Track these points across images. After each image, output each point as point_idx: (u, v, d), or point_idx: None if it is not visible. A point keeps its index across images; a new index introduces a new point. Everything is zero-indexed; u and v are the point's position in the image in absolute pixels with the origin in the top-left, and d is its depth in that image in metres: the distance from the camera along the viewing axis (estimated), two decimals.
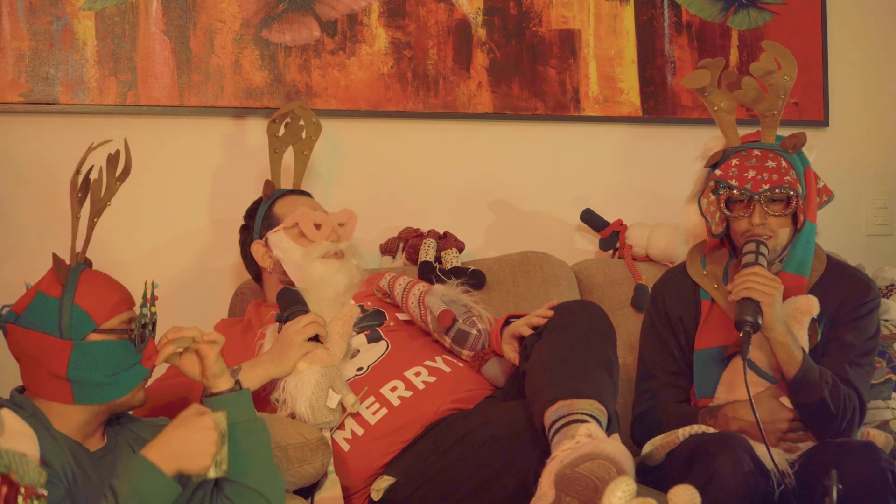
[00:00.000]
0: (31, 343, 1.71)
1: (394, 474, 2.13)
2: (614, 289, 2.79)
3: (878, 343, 2.32)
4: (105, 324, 1.72)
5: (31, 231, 2.62)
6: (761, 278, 2.07)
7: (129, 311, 1.77)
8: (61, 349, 1.69)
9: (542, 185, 3.03)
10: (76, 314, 1.71)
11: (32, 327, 1.70)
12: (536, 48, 2.98)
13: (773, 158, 2.19)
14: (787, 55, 2.19)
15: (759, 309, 2.06)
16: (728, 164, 2.22)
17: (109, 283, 1.79)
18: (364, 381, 2.24)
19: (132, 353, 1.74)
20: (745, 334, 2.04)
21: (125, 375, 1.73)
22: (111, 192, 1.84)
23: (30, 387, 1.74)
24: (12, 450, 1.25)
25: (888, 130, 3.38)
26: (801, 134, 2.23)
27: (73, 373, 1.69)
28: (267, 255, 2.42)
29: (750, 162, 2.20)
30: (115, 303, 1.75)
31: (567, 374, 1.94)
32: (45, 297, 1.72)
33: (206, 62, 2.70)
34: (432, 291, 2.38)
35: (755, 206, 2.18)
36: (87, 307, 1.72)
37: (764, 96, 2.22)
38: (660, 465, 2.11)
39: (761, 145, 2.23)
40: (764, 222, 2.18)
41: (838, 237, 3.10)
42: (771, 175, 2.17)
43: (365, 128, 2.86)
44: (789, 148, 2.21)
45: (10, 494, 1.21)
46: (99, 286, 1.76)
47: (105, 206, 1.85)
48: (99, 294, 1.74)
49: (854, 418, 2.15)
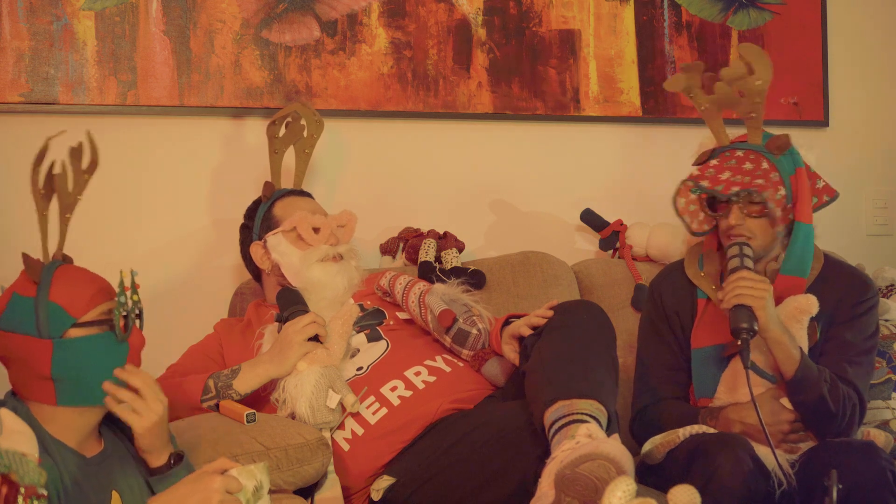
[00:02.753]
0: (12, 346, 1.65)
1: (394, 474, 2.13)
2: (614, 289, 2.79)
3: (878, 342, 2.31)
4: (83, 317, 1.66)
5: (31, 231, 2.62)
6: (749, 282, 2.08)
7: (109, 302, 1.70)
8: (43, 349, 1.64)
9: (542, 185, 3.02)
10: (52, 311, 1.64)
11: (11, 329, 1.65)
12: (536, 48, 2.98)
13: (754, 160, 2.19)
14: (762, 58, 2.17)
15: (753, 314, 2.06)
16: (707, 164, 2.23)
17: (85, 276, 1.72)
18: (364, 380, 2.24)
19: (116, 347, 1.68)
20: (743, 342, 2.04)
21: (108, 373, 1.67)
22: (80, 185, 1.77)
23: (18, 390, 1.69)
24: (12, 450, 1.25)
25: (888, 130, 3.38)
26: (784, 136, 2.23)
27: (57, 372, 1.63)
28: (265, 257, 2.42)
29: (729, 163, 2.21)
30: (92, 294, 1.68)
31: (567, 375, 1.94)
32: (20, 298, 1.66)
33: (206, 62, 2.70)
34: (433, 291, 2.38)
35: (732, 208, 2.20)
36: (63, 302, 1.65)
37: (740, 100, 2.21)
38: (660, 465, 2.11)
39: (746, 146, 2.23)
40: (741, 223, 2.19)
41: (838, 237, 3.10)
42: (744, 177, 2.17)
43: (365, 128, 2.86)
44: (774, 150, 2.21)
45: (10, 494, 1.21)
46: (74, 280, 1.69)
47: (76, 201, 1.78)
48: (74, 288, 1.67)
49: (854, 417, 2.15)
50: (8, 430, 1.50)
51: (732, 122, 2.30)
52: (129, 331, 1.69)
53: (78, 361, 1.65)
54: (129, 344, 1.71)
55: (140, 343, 1.72)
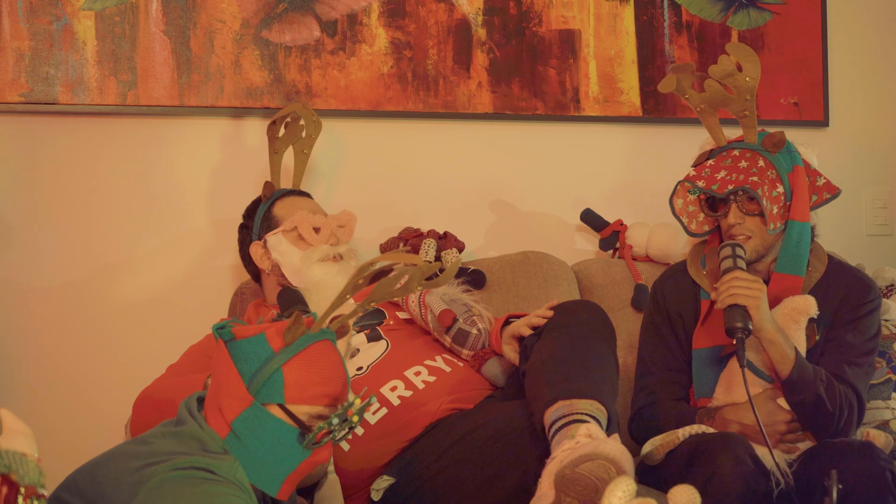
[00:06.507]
0: (224, 370, 1.59)
1: (394, 474, 2.13)
2: (614, 289, 2.79)
3: (878, 343, 2.32)
4: (293, 408, 1.57)
5: (31, 231, 2.62)
6: (742, 282, 2.08)
7: (326, 409, 1.60)
8: (242, 398, 1.57)
9: (542, 185, 3.03)
10: (274, 379, 1.56)
11: (235, 359, 1.58)
12: (536, 48, 2.98)
13: (750, 158, 2.20)
14: (751, 56, 2.17)
15: (748, 313, 2.06)
16: (704, 164, 2.24)
17: (327, 371, 1.60)
18: (364, 380, 2.24)
19: (297, 448, 1.58)
20: (738, 341, 2.05)
21: (275, 465, 1.57)
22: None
23: (207, 403, 1.63)
24: (12, 450, 1.25)
25: (888, 130, 3.38)
26: (779, 132, 2.23)
27: (237, 426, 1.56)
28: (265, 256, 2.42)
29: (725, 162, 2.22)
30: (318, 395, 1.58)
31: (567, 374, 1.94)
32: (263, 343, 1.58)
33: (206, 62, 2.70)
34: (433, 291, 2.38)
35: (730, 207, 2.21)
36: (289, 381, 1.56)
37: (731, 98, 2.22)
38: (660, 465, 2.11)
39: (743, 145, 2.24)
40: (740, 222, 2.20)
41: (838, 237, 3.10)
42: (738, 175, 2.18)
43: (365, 128, 2.86)
44: (769, 147, 2.22)
45: (10, 494, 1.21)
46: (315, 367, 1.58)
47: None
48: (309, 374, 1.58)
49: (852, 417, 2.15)
50: (8, 430, 1.50)
51: (730, 122, 2.31)
52: (319, 444, 1.59)
53: (257, 433, 1.57)
54: (311, 453, 1.60)
55: (322, 459, 1.60)
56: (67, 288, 2.63)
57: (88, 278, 2.65)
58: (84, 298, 2.64)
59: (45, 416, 2.55)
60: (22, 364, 2.60)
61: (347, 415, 1.58)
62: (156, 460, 1.51)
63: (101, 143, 2.68)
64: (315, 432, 1.57)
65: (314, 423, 1.58)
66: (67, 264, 2.64)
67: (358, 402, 1.59)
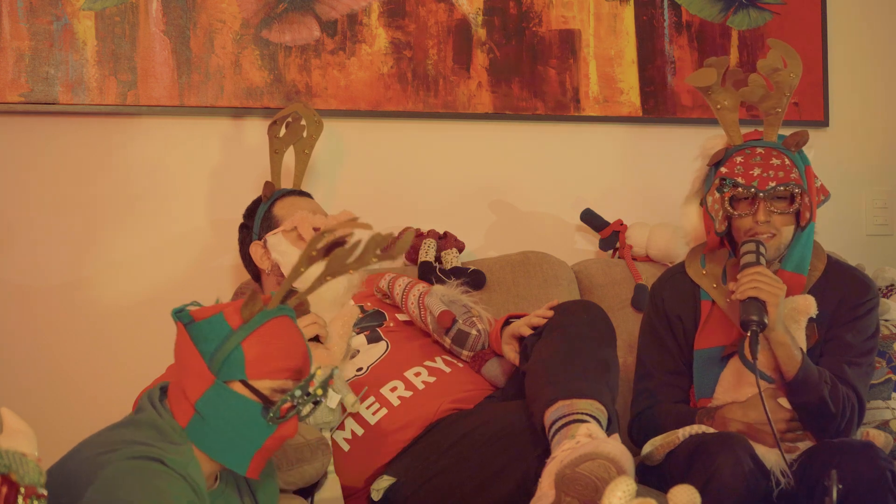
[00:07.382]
0: (186, 353, 1.58)
1: (394, 474, 2.13)
2: (614, 289, 2.79)
3: (878, 343, 2.31)
4: (255, 382, 1.56)
5: (31, 231, 2.62)
6: (766, 278, 2.07)
7: (287, 383, 1.58)
8: (204, 378, 1.56)
9: (542, 185, 3.02)
10: (235, 357, 1.55)
11: (194, 341, 1.57)
12: (536, 48, 2.98)
13: (778, 156, 2.19)
14: (793, 53, 2.19)
15: (765, 308, 2.05)
16: (732, 161, 2.21)
17: (288, 345, 1.59)
18: (364, 381, 2.24)
19: (262, 424, 1.57)
20: (752, 333, 2.04)
21: (241, 444, 1.57)
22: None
23: (171, 389, 1.63)
24: (12, 450, 1.25)
25: (888, 130, 3.38)
26: (803, 132, 2.23)
27: (200, 407, 1.56)
28: (265, 256, 2.42)
29: (754, 160, 2.19)
30: (279, 368, 1.57)
31: (567, 374, 1.94)
32: (221, 322, 1.57)
33: (206, 62, 2.70)
34: (432, 292, 2.38)
35: (759, 204, 2.17)
36: (250, 356, 1.55)
37: (769, 94, 2.22)
38: (660, 465, 2.11)
39: (764, 143, 2.23)
40: (769, 220, 2.18)
41: (838, 237, 3.09)
42: (777, 172, 2.17)
43: (365, 128, 2.86)
44: (792, 146, 2.22)
45: (10, 494, 1.21)
46: (275, 341, 1.58)
47: None
48: (268, 348, 1.57)
49: (853, 418, 2.15)
50: (8, 430, 1.49)
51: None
52: (284, 418, 1.58)
53: (220, 412, 1.56)
54: (277, 428, 1.59)
55: (288, 434, 1.59)
56: (67, 288, 2.63)
57: (88, 278, 2.65)
58: (84, 298, 2.64)
59: (45, 416, 2.55)
60: (22, 364, 2.60)
61: (310, 387, 1.57)
62: (110, 448, 1.51)
63: (102, 144, 2.68)
64: (278, 405, 1.56)
65: (277, 398, 1.57)
66: (67, 264, 2.64)
67: (319, 374, 1.58)
